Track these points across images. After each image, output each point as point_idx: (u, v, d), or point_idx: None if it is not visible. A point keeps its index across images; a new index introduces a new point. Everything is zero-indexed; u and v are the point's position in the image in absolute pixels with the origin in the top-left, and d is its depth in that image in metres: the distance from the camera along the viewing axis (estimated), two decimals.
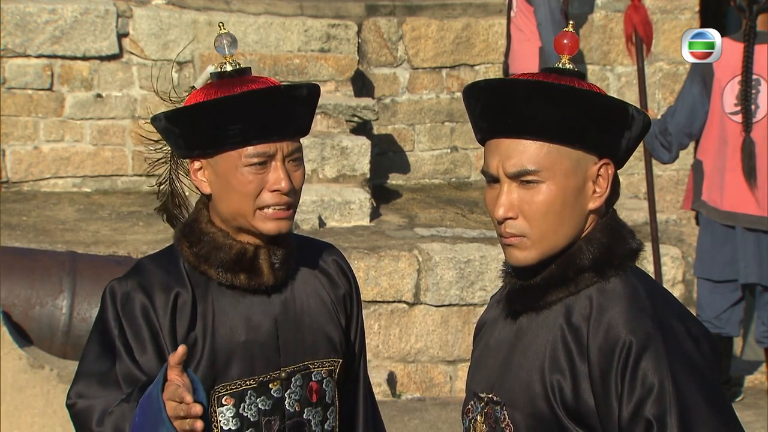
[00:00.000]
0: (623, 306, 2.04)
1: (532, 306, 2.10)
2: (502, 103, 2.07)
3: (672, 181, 8.07)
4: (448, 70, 7.76)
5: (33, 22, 7.26)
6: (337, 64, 7.42)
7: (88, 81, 7.33)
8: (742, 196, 5.64)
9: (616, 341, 2.01)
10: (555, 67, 2.13)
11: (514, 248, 2.08)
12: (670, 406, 1.97)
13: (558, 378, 2.04)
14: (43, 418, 4.07)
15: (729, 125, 5.65)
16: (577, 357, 2.04)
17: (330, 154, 7.01)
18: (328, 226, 6.75)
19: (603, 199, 2.09)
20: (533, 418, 2.06)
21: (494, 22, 7.71)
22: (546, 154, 2.05)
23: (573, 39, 2.16)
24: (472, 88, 2.13)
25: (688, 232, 6.81)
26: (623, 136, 2.08)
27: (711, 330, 5.79)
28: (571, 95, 2.06)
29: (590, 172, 2.07)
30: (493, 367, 2.14)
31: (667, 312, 2.06)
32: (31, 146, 7.31)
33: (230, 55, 2.41)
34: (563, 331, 2.06)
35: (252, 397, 2.38)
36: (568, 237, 2.07)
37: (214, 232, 2.37)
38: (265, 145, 2.33)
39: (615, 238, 2.10)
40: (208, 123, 2.32)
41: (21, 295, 3.98)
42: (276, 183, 2.33)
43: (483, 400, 2.14)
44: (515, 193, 2.07)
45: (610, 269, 2.08)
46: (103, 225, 6.64)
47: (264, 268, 2.37)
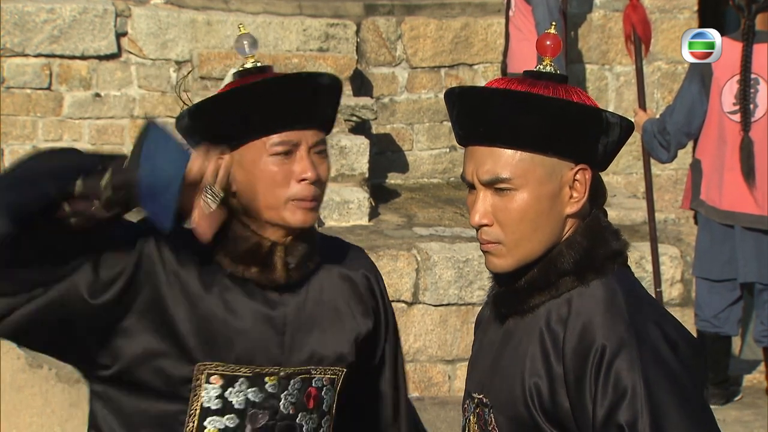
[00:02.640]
0: (599, 310, 2.05)
1: (517, 310, 2.11)
2: (474, 111, 2.08)
3: (671, 181, 8.07)
4: (446, 69, 7.76)
5: (31, 21, 7.26)
6: (335, 63, 7.42)
7: (86, 80, 7.33)
8: (740, 196, 5.64)
9: (590, 345, 2.02)
10: (534, 71, 2.13)
11: (491, 255, 2.09)
12: (642, 410, 1.97)
13: (536, 381, 2.05)
14: (42, 417, 4.08)
15: (728, 124, 5.65)
16: (554, 361, 2.05)
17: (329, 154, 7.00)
18: (327, 226, 6.75)
19: (581, 204, 2.09)
20: (515, 422, 2.08)
21: (493, 21, 7.70)
22: (519, 162, 2.05)
23: (555, 40, 2.15)
24: (448, 95, 2.14)
25: (687, 231, 6.81)
26: (599, 142, 2.07)
27: (710, 329, 5.79)
28: (541, 104, 2.05)
29: (566, 178, 2.07)
30: (484, 368, 2.16)
31: (644, 316, 2.06)
32: (29, 146, 7.31)
33: (251, 55, 2.41)
34: (542, 335, 2.07)
35: (242, 386, 2.35)
36: (545, 243, 2.08)
37: (234, 223, 2.35)
38: (290, 132, 2.32)
39: (596, 240, 2.09)
40: (231, 112, 2.32)
41: None
42: (303, 172, 2.32)
43: (475, 401, 2.15)
44: (490, 200, 2.07)
45: (590, 272, 2.08)
46: None
47: (278, 264, 2.35)
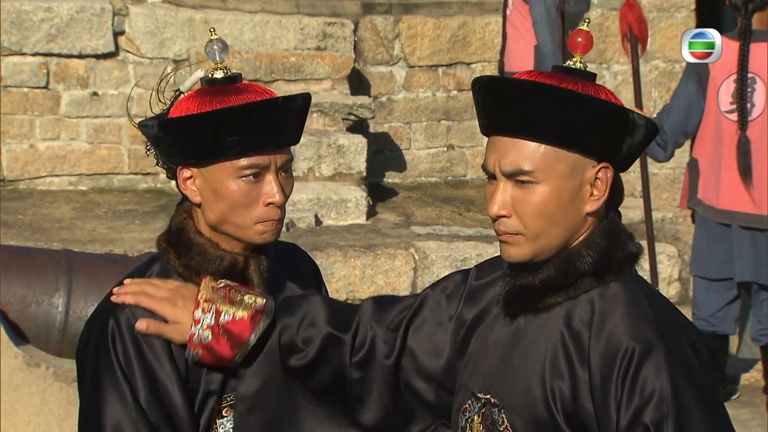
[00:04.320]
0: (625, 312, 2.04)
1: (530, 308, 2.09)
2: (500, 102, 2.07)
3: (668, 180, 8.07)
4: (444, 68, 7.76)
5: (29, 20, 7.26)
6: (333, 62, 7.42)
7: (84, 79, 7.33)
8: (737, 195, 5.64)
9: (618, 348, 2.00)
10: (564, 66, 2.12)
11: (508, 245, 2.07)
12: (668, 413, 1.97)
13: (558, 383, 2.04)
14: (39, 417, 4.07)
15: (725, 124, 5.66)
16: (578, 363, 2.03)
17: (326, 153, 7.01)
18: (325, 225, 6.75)
19: (600, 203, 2.09)
20: (533, 423, 2.05)
21: (490, 20, 7.71)
22: (542, 155, 2.05)
23: (587, 37, 2.13)
24: (475, 83, 2.12)
25: (684, 230, 6.81)
26: (623, 142, 2.07)
27: (707, 328, 5.79)
28: (569, 98, 2.05)
29: (588, 176, 2.07)
30: (491, 367, 2.13)
31: (668, 319, 2.06)
32: (27, 144, 7.31)
33: (221, 61, 2.37)
34: (563, 336, 2.05)
35: None
36: (562, 238, 2.07)
37: (203, 243, 2.35)
38: (260, 157, 2.30)
39: (615, 242, 2.10)
40: (205, 134, 2.29)
41: (17, 293, 3.97)
42: (270, 197, 2.31)
43: (481, 401, 2.12)
44: (510, 192, 2.06)
45: (609, 274, 2.07)
46: (99, 223, 6.64)
47: (255, 278, 2.36)
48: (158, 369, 2.28)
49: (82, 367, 2.33)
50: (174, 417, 2.28)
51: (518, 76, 2.11)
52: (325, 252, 6.19)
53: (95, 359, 2.29)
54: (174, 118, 2.33)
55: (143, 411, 2.25)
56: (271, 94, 2.33)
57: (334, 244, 6.35)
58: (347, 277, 6.19)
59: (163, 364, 2.29)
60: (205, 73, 2.38)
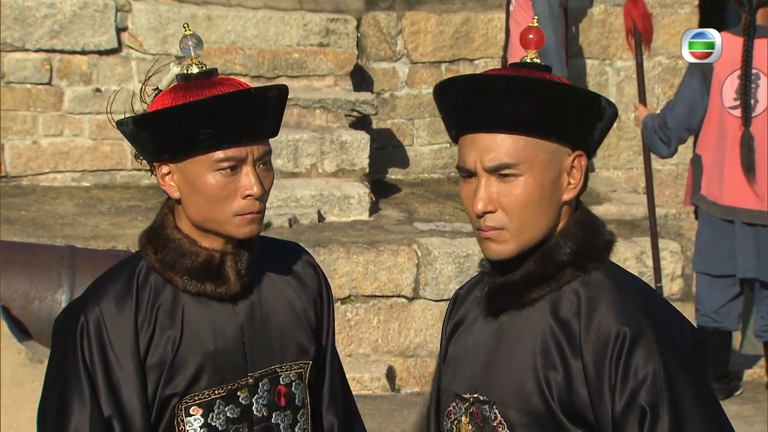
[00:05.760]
0: (612, 298, 2.06)
1: (514, 304, 2.10)
2: (478, 99, 2.09)
3: (671, 176, 8.06)
4: (447, 64, 7.76)
5: (32, 16, 7.26)
6: (336, 58, 7.41)
7: (87, 75, 7.33)
8: (741, 191, 5.64)
9: (609, 333, 2.03)
10: (524, 62, 2.14)
11: (492, 242, 2.09)
12: (662, 395, 2.00)
13: (551, 374, 2.05)
14: None
15: (728, 120, 5.65)
16: (569, 352, 2.05)
17: (329, 149, 7.00)
18: (327, 221, 6.75)
19: (577, 191, 2.11)
20: (528, 416, 2.06)
21: (493, 16, 7.70)
22: (523, 148, 2.07)
23: (539, 34, 2.17)
24: (446, 85, 2.13)
25: (687, 226, 6.81)
26: (596, 128, 2.11)
27: (710, 324, 5.79)
28: (545, 88, 2.08)
29: (565, 164, 2.10)
30: (475, 368, 2.13)
31: (654, 303, 2.08)
32: (30, 141, 7.31)
33: (196, 57, 2.37)
34: (552, 328, 2.06)
35: (221, 406, 2.36)
36: (545, 229, 2.09)
37: (180, 239, 2.35)
38: (236, 149, 2.29)
39: (590, 231, 2.11)
40: (177, 128, 2.29)
41: (20, 289, 3.97)
42: (248, 188, 2.30)
43: (467, 401, 2.13)
44: (494, 187, 2.08)
45: (590, 262, 2.09)
46: (102, 219, 6.64)
47: (231, 275, 2.35)
48: (117, 370, 2.31)
49: (52, 352, 2.38)
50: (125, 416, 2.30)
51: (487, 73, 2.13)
52: (327, 248, 6.19)
53: (63, 351, 2.34)
54: (147, 113, 2.34)
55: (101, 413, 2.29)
56: (246, 87, 2.33)
57: (336, 240, 6.35)
58: (350, 274, 6.19)
59: (123, 365, 2.31)
60: (181, 69, 2.37)
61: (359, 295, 6.21)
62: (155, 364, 2.33)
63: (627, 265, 6.53)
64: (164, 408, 2.34)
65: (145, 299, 2.35)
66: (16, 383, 4.02)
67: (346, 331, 6.17)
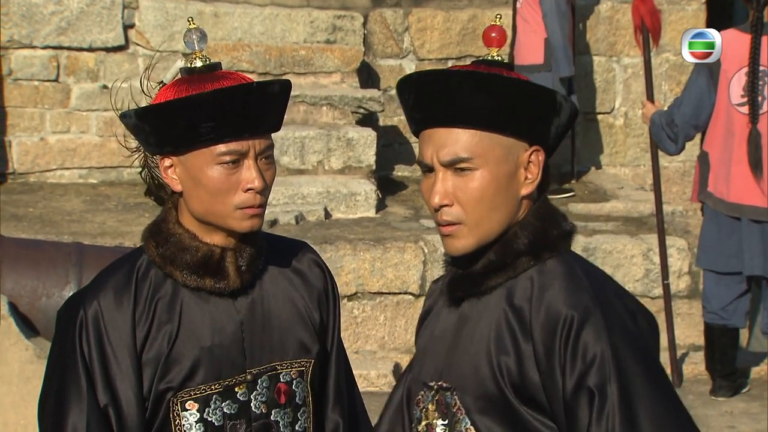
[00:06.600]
0: (562, 284, 2.10)
1: (473, 292, 2.15)
2: (434, 94, 2.12)
3: (678, 173, 8.06)
4: (454, 61, 7.75)
5: (39, 13, 7.27)
6: (342, 55, 7.41)
7: (94, 72, 7.33)
8: (748, 188, 5.63)
9: (558, 317, 2.07)
10: (484, 59, 2.18)
11: (451, 238, 2.12)
12: (610, 375, 2.03)
13: (504, 359, 2.09)
14: None
15: (735, 117, 5.64)
16: (521, 336, 2.09)
17: (336, 146, 7.01)
18: (334, 218, 6.75)
19: (534, 185, 2.14)
20: (483, 400, 2.10)
21: (500, 13, 7.68)
22: (478, 142, 2.10)
23: (501, 32, 2.22)
24: (405, 81, 2.16)
25: (694, 223, 6.80)
26: (552, 123, 2.14)
27: (717, 322, 5.79)
28: (500, 83, 2.12)
29: (521, 159, 2.12)
30: (440, 356, 2.18)
31: (604, 288, 2.12)
32: (37, 137, 7.32)
33: (200, 51, 2.37)
34: (506, 313, 2.11)
35: (217, 402, 2.36)
36: (503, 223, 2.13)
37: (181, 234, 2.35)
38: (238, 142, 2.30)
39: (548, 221, 2.15)
40: (179, 120, 2.30)
41: (27, 286, 3.98)
42: (249, 182, 2.30)
43: (433, 389, 2.17)
44: (450, 181, 2.11)
45: (545, 251, 2.13)
46: (109, 216, 6.64)
47: (230, 271, 2.35)
48: (113, 363, 2.32)
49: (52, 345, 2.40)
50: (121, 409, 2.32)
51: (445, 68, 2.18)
52: (334, 245, 6.19)
53: (62, 344, 2.36)
54: (150, 106, 2.35)
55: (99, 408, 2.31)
56: (249, 81, 2.33)
57: (343, 237, 6.35)
58: (356, 270, 6.19)
59: (120, 359, 2.33)
60: (185, 63, 2.38)
61: (366, 292, 6.21)
62: (152, 358, 2.34)
63: (634, 262, 6.53)
64: (160, 402, 2.35)
65: (144, 293, 2.36)
66: (24, 379, 4.03)
67: (353, 328, 6.17)
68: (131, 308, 2.34)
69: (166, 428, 2.34)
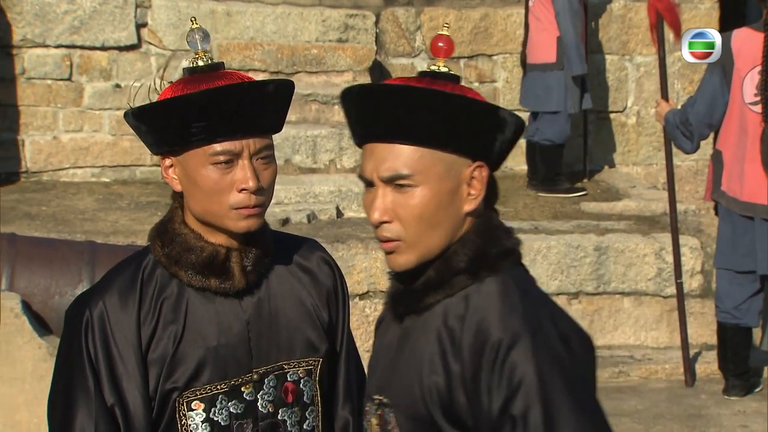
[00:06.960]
0: (495, 306, 2.06)
1: (414, 308, 2.12)
2: (374, 109, 2.09)
3: (691, 172, 8.04)
4: (466, 60, 7.75)
5: (52, 12, 7.28)
6: (354, 54, 7.42)
7: (106, 71, 7.35)
8: (761, 187, 5.62)
9: (486, 340, 2.03)
10: (429, 71, 2.13)
11: (392, 254, 2.09)
12: (534, 402, 1.99)
13: (434, 379, 2.06)
14: None
15: (749, 115, 5.63)
16: (451, 357, 2.06)
17: (347, 145, 7.01)
18: (346, 217, 6.75)
19: (478, 201, 2.10)
20: (413, 421, 2.08)
21: (512, 12, 7.69)
22: (419, 159, 2.06)
23: (449, 42, 2.15)
24: (347, 94, 2.13)
25: (707, 222, 6.79)
26: (496, 139, 2.09)
27: (730, 321, 5.78)
28: (440, 100, 2.06)
29: (464, 175, 2.08)
30: (383, 369, 2.16)
31: (538, 311, 2.07)
32: (50, 136, 7.34)
33: (203, 51, 2.37)
34: (440, 333, 2.08)
35: (223, 401, 2.36)
36: (444, 239, 2.09)
37: (186, 234, 2.35)
38: (231, 142, 2.29)
39: (488, 238, 2.11)
40: (173, 120, 2.30)
41: (40, 284, 3.99)
42: (243, 182, 2.29)
43: (375, 403, 2.15)
44: (390, 197, 2.08)
45: (483, 270, 2.09)
46: (122, 215, 6.66)
47: (235, 271, 2.35)
48: (119, 364, 2.32)
49: (60, 344, 2.40)
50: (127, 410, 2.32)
51: (389, 82, 2.12)
52: (346, 244, 6.20)
53: (69, 345, 2.36)
54: (145, 105, 2.35)
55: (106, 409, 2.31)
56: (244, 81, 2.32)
57: (355, 236, 6.35)
58: (368, 269, 6.19)
59: (126, 359, 2.33)
60: (188, 63, 2.38)
61: (378, 291, 6.21)
62: (157, 358, 2.34)
63: (646, 261, 6.52)
64: (166, 402, 2.34)
65: (149, 293, 2.36)
66: (37, 378, 4.04)
67: (365, 326, 6.17)
68: (136, 308, 2.34)
69: (173, 428, 2.34)
